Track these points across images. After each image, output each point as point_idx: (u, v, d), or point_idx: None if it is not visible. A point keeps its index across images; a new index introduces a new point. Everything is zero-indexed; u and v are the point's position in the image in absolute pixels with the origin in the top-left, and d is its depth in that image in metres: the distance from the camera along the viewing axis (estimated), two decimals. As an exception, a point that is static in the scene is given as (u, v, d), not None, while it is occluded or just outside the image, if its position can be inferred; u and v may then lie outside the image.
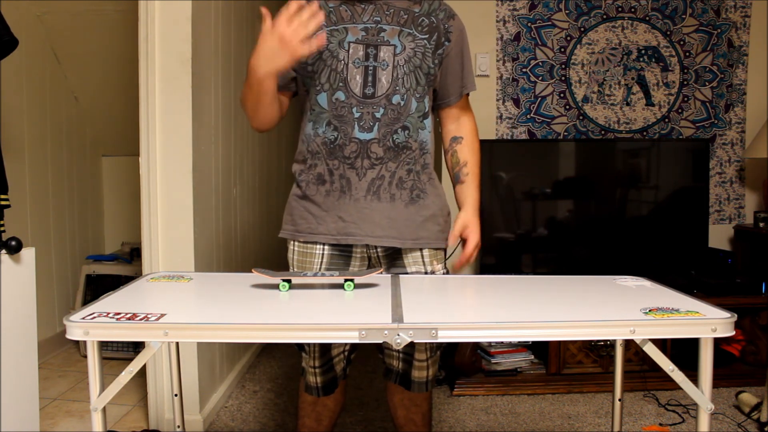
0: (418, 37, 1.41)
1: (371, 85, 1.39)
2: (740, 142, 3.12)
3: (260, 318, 1.10)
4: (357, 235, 1.43)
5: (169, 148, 2.14)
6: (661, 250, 2.86)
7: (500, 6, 2.99)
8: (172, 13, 2.10)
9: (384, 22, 1.40)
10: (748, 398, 2.34)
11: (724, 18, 3.05)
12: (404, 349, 1.52)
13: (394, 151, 1.41)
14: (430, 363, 1.53)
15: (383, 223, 1.43)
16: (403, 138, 1.42)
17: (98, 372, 1.01)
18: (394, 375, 1.57)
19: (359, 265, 1.48)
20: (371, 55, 1.39)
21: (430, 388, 1.56)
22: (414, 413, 1.59)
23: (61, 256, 3.20)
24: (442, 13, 1.45)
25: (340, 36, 1.39)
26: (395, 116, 1.40)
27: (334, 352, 1.53)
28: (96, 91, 3.29)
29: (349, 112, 1.39)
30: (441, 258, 1.52)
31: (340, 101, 1.40)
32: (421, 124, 1.43)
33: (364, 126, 1.39)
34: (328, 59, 1.40)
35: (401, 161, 1.43)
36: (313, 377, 1.54)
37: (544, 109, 3.05)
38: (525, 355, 2.67)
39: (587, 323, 1.02)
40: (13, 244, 1.63)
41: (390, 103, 1.39)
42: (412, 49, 1.40)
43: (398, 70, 1.40)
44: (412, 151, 1.43)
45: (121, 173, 3.62)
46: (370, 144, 1.40)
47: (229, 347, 2.62)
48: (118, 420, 2.31)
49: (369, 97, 1.39)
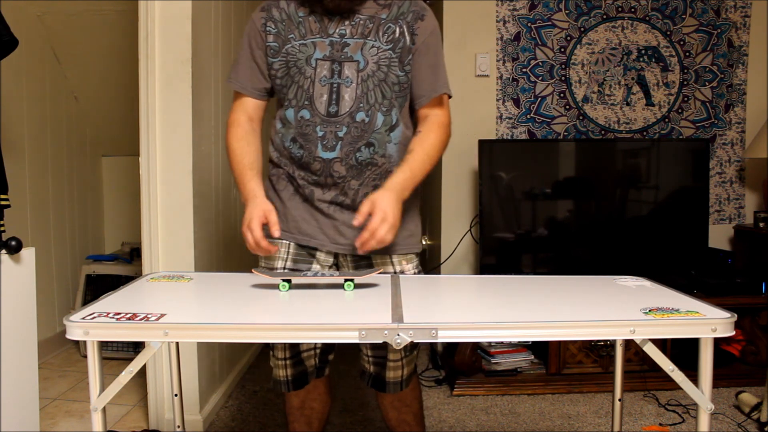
0: (382, 48, 1.39)
1: (335, 103, 1.39)
2: (740, 142, 3.12)
3: (260, 318, 1.10)
4: (320, 240, 1.46)
5: (169, 148, 2.14)
6: (661, 250, 2.86)
7: (500, 6, 2.99)
8: (172, 13, 2.10)
9: (348, 35, 1.38)
10: (748, 398, 2.34)
11: (724, 18, 3.05)
12: (374, 352, 1.51)
13: (357, 169, 1.41)
14: (405, 362, 1.51)
15: (347, 233, 1.44)
16: (367, 155, 1.41)
17: (98, 372, 1.01)
18: (367, 377, 1.56)
19: (323, 260, 1.49)
20: (336, 71, 1.38)
21: (404, 387, 1.53)
22: (405, 413, 1.59)
23: (61, 256, 3.20)
24: (411, 15, 1.41)
25: (308, 52, 1.39)
26: (359, 134, 1.39)
27: (303, 347, 1.53)
28: (96, 91, 3.29)
29: (313, 130, 1.40)
30: (411, 258, 1.52)
31: (305, 119, 1.40)
32: (387, 137, 1.42)
33: (327, 145, 1.40)
34: (296, 75, 1.40)
35: (365, 178, 1.43)
36: (283, 370, 1.53)
37: (544, 109, 3.05)
38: (525, 355, 2.67)
39: (587, 323, 1.02)
40: (13, 244, 1.63)
41: (354, 121, 1.39)
42: (375, 63, 1.39)
43: (362, 86, 1.38)
44: (378, 167, 1.43)
45: (121, 173, 3.62)
46: (332, 163, 1.40)
47: (229, 347, 2.62)
48: (118, 420, 2.31)
49: (333, 116, 1.39)
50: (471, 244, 3.05)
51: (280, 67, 1.41)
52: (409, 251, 1.50)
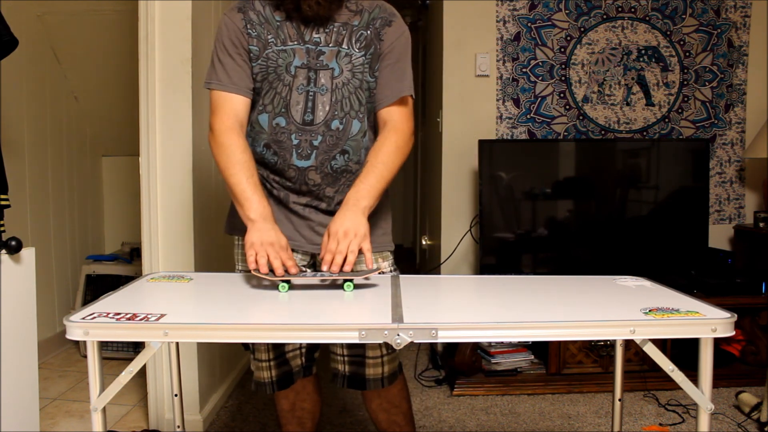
0: (355, 55, 1.39)
1: (310, 111, 1.39)
2: (740, 142, 3.12)
3: (260, 318, 1.10)
4: (297, 241, 1.45)
5: (169, 148, 2.14)
6: (661, 250, 2.86)
7: (500, 6, 2.99)
8: (172, 13, 2.10)
9: (323, 43, 1.38)
10: (748, 398, 2.34)
11: (724, 18, 3.05)
12: (351, 351, 1.50)
13: (332, 177, 1.42)
14: (386, 360, 1.49)
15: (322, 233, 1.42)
16: (342, 162, 1.42)
17: (98, 372, 1.01)
18: (341, 379, 1.52)
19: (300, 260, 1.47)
20: (312, 79, 1.38)
21: (387, 384, 1.51)
22: (395, 414, 1.57)
23: (61, 256, 3.20)
24: (379, 21, 1.41)
25: (288, 59, 1.38)
26: (333, 142, 1.40)
27: (288, 347, 1.52)
28: (96, 91, 3.29)
29: (288, 138, 1.39)
30: (387, 256, 1.51)
31: (281, 127, 1.40)
32: (362, 143, 1.43)
33: (302, 153, 1.40)
34: (274, 81, 1.39)
35: (340, 185, 1.44)
36: (267, 372, 1.51)
37: (544, 109, 3.05)
38: (525, 355, 2.67)
39: (587, 323, 1.02)
40: (13, 244, 1.63)
41: (329, 130, 1.39)
42: (350, 70, 1.39)
43: (337, 93, 1.39)
44: (353, 174, 1.43)
45: (121, 173, 3.62)
46: (307, 171, 1.41)
47: (229, 347, 2.62)
48: (118, 420, 2.31)
49: (308, 124, 1.39)
50: (471, 244, 3.05)
51: (260, 71, 1.40)
52: (384, 249, 1.50)
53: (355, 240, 1.28)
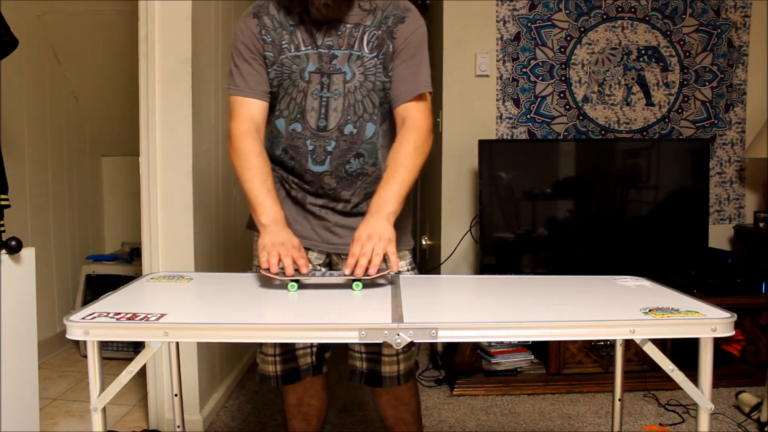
0: (367, 57, 1.38)
1: (324, 117, 1.39)
2: (740, 142, 3.12)
3: (260, 318, 1.10)
4: (313, 240, 1.46)
5: (169, 148, 2.14)
6: (661, 250, 2.86)
7: (500, 6, 2.99)
8: (172, 13, 2.10)
9: (336, 47, 1.38)
10: (748, 398, 2.34)
11: (724, 18, 3.05)
12: (368, 348, 1.50)
13: (347, 180, 1.43)
14: (402, 358, 1.49)
15: (341, 233, 1.45)
16: (357, 166, 1.42)
17: (98, 372, 1.01)
18: (358, 375, 1.53)
19: (315, 259, 1.49)
20: (325, 85, 1.39)
21: (403, 383, 1.51)
22: (403, 412, 1.57)
23: (61, 256, 3.20)
24: (392, 18, 1.39)
25: (302, 64, 1.38)
26: (347, 147, 1.40)
27: (299, 345, 1.52)
28: (96, 91, 3.29)
29: (303, 144, 1.41)
30: (405, 255, 1.51)
31: (297, 132, 1.41)
32: (377, 145, 1.43)
33: (316, 159, 1.41)
34: (289, 87, 1.40)
35: (356, 188, 1.44)
36: (272, 366, 1.51)
37: (544, 109, 3.05)
38: (525, 355, 2.67)
39: (587, 323, 1.02)
40: (13, 244, 1.63)
41: (342, 135, 1.39)
42: (362, 73, 1.39)
43: (350, 98, 1.38)
44: (368, 176, 1.44)
45: (121, 173, 3.62)
46: (323, 176, 1.42)
47: (229, 347, 2.62)
48: (118, 420, 2.31)
49: (322, 130, 1.40)
50: (471, 244, 3.05)
51: (275, 77, 1.40)
52: (401, 248, 1.49)
53: (380, 243, 1.27)
